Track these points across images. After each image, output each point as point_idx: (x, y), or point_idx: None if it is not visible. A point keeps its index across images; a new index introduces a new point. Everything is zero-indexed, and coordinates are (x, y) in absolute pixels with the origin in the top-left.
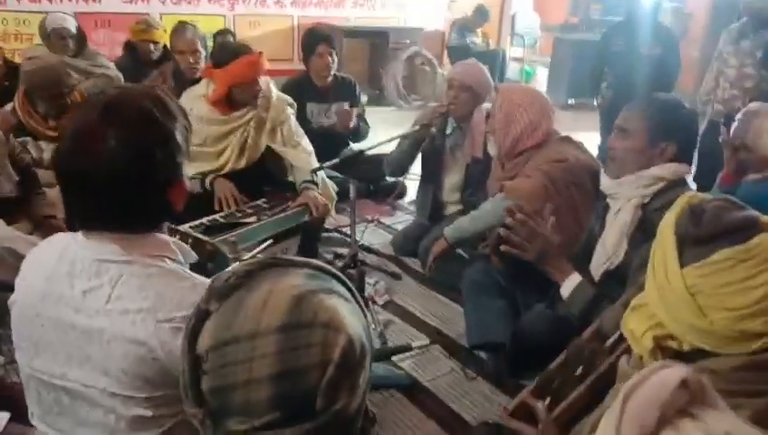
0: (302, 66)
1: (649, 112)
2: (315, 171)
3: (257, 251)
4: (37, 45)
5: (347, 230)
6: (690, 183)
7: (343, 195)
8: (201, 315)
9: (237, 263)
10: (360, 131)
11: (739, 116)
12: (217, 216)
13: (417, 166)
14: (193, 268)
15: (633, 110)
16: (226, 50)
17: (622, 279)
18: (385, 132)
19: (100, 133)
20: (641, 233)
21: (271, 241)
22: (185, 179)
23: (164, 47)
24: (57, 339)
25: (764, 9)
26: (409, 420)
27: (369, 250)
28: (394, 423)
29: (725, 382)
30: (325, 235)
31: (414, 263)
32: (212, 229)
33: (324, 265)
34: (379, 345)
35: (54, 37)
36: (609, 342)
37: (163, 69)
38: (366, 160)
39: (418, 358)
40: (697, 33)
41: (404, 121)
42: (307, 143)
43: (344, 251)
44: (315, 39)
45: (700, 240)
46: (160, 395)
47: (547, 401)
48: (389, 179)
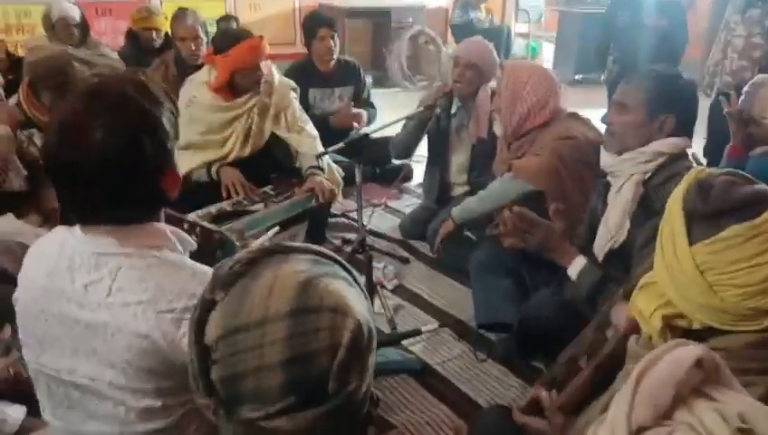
0: (305, 49)
1: (647, 85)
2: (320, 156)
3: (265, 238)
4: (40, 36)
5: (354, 215)
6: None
7: (350, 179)
8: (206, 305)
9: (243, 251)
10: (369, 119)
11: (746, 88)
12: (224, 204)
13: (423, 148)
14: (203, 257)
15: (630, 83)
16: (227, 35)
17: (626, 258)
18: (390, 114)
19: (85, 124)
20: (643, 210)
21: (278, 228)
22: (176, 166)
23: (165, 34)
24: (62, 334)
25: None
26: (420, 404)
27: (376, 235)
28: (405, 407)
29: (737, 360)
30: (332, 220)
31: (422, 246)
32: (219, 218)
33: (324, 250)
34: (389, 330)
35: (60, 26)
36: (607, 331)
37: (165, 57)
38: (371, 144)
39: (428, 342)
40: (705, 3)
41: (409, 102)
42: (312, 128)
43: (352, 236)
44: (316, 23)
45: (709, 216)
46: (168, 385)
47: (554, 393)
48: (396, 162)
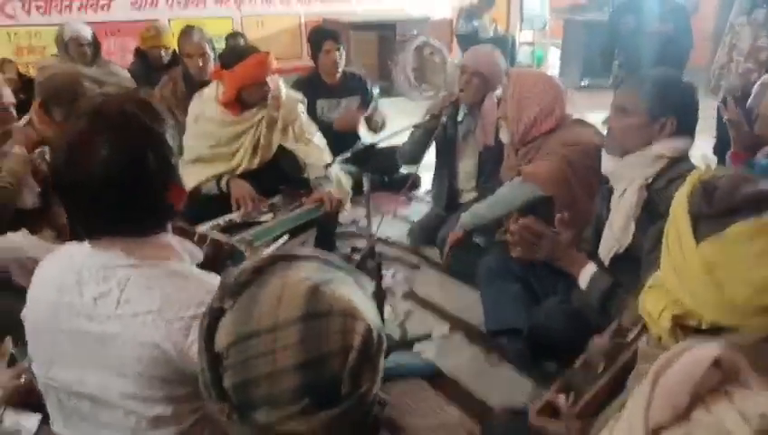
0: (312, 62)
1: (646, 88)
2: (328, 166)
3: (274, 248)
4: (51, 57)
5: (363, 223)
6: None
7: (358, 188)
8: (215, 314)
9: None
10: (380, 125)
11: (755, 88)
12: (234, 215)
13: (431, 156)
14: (213, 268)
15: (630, 87)
16: (234, 52)
17: (632, 262)
18: (398, 124)
19: (89, 142)
20: (647, 214)
21: (287, 237)
22: (180, 180)
23: (173, 51)
24: (72, 347)
25: None
26: (433, 407)
27: (386, 242)
28: (418, 411)
29: (748, 358)
30: (342, 229)
31: (432, 253)
32: (228, 229)
33: (329, 255)
34: (400, 335)
35: (72, 45)
36: (629, 336)
37: (173, 73)
38: (378, 153)
39: (440, 346)
40: (710, 6)
41: (416, 112)
42: (319, 139)
43: (361, 244)
44: (321, 37)
45: (714, 215)
46: (178, 393)
47: (571, 398)
48: (404, 171)
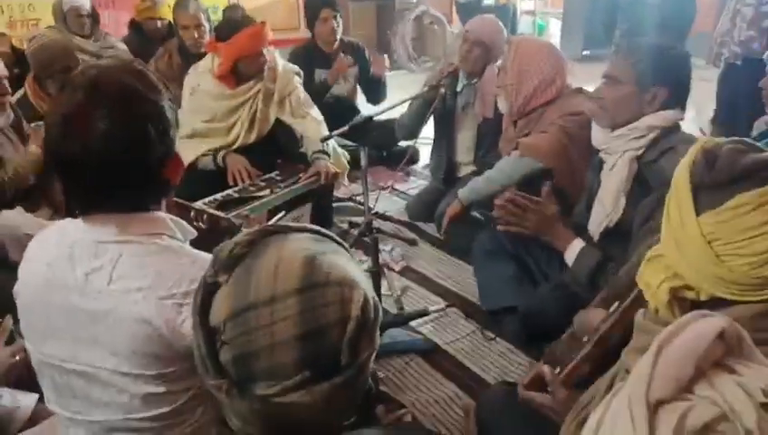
0: (309, 35)
1: (637, 57)
2: (325, 140)
3: (270, 223)
4: (46, 28)
5: (361, 198)
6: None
7: (356, 163)
8: (209, 288)
9: (241, 233)
10: (383, 89)
11: None
12: (231, 190)
13: (429, 130)
14: (210, 244)
15: (621, 56)
16: (229, 23)
17: (623, 236)
18: (397, 97)
19: (88, 116)
20: (638, 186)
21: (283, 212)
22: (178, 154)
23: (168, 23)
24: (64, 323)
25: None
26: (429, 383)
27: (384, 217)
28: (414, 386)
29: (747, 331)
30: (340, 204)
31: (429, 228)
32: (226, 204)
33: (320, 228)
34: (396, 311)
35: (71, 16)
36: (612, 308)
37: (168, 45)
38: (376, 126)
39: (437, 322)
40: None
41: (416, 85)
42: (317, 113)
43: (359, 220)
44: (318, 4)
45: (716, 186)
46: (170, 371)
47: (557, 370)
48: (402, 145)
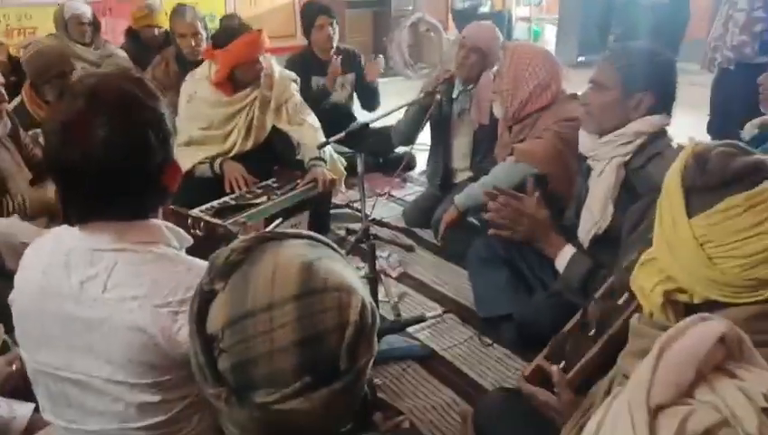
0: (305, 42)
1: (622, 63)
2: (322, 147)
3: (267, 230)
4: (47, 37)
5: (358, 205)
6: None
7: (353, 170)
8: (206, 296)
9: (236, 240)
10: (377, 97)
11: None
12: (227, 198)
13: (425, 136)
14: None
15: (606, 62)
16: (226, 30)
17: (613, 243)
18: (394, 103)
19: (88, 123)
20: (626, 193)
21: (280, 219)
22: (176, 161)
23: (165, 31)
24: (59, 331)
25: None
26: (426, 389)
27: (381, 224)
28: (412, 393)
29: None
30: (337, 211)
31: (426, 234)
32: (223, 212)
33: (315, 234)
34: (393, 318)
35: (72, 23)
36: (621, 300)
37: (165, 53)
38: (372, 133)
39: (434, 328)
40: None
41: (412, 91)
42: (313, 120)
43: (356, 226)
44: (314, 12)
45: (707, 189)
46: (166, 379)
47: (562, 365)
48: (398, 151)
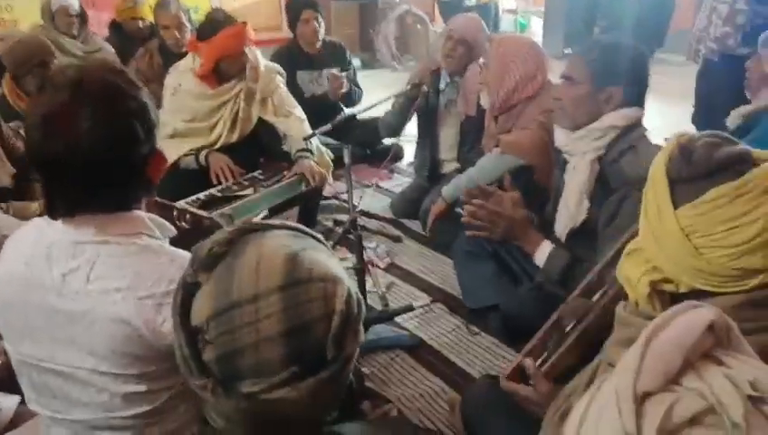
0: (291, 35)
1: (591, 57)
2: (308, 138)
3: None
4: (36, 27)
5: (345, 196)
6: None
7: (340, 161)
8: (189, 289)
9: (219, 232)
10: (353, 96)
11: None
12: (213, 190)
13: (412, 127)
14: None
15: (576, 56)
16: (210, 23)
17: (588, 236)
18: (380, 96)
19: (73, 114)
20: (600, 186)
21: (266, 213)
22: (161, 151)
23: (150, 24)
24: (42, 323)
25: None
26: (414, 378)
27: (368, 215)
28: (399, 381)
29: None
30: (324, 202)
31: (414, 225)
32: (209, 204)
33: (298, 225)
34: (381, 308)
35: (60, 15)
36: (595, 297)
37: (149, 45)
38: (360, 124)
39: (422, 317)
40: None
41: (399, 84)
42: (300, 111)
43: (344, 217)
44: (299, 5)
45: (693, 179)
46: (151, 370)
47: (540, 360)
48: (386, 143)
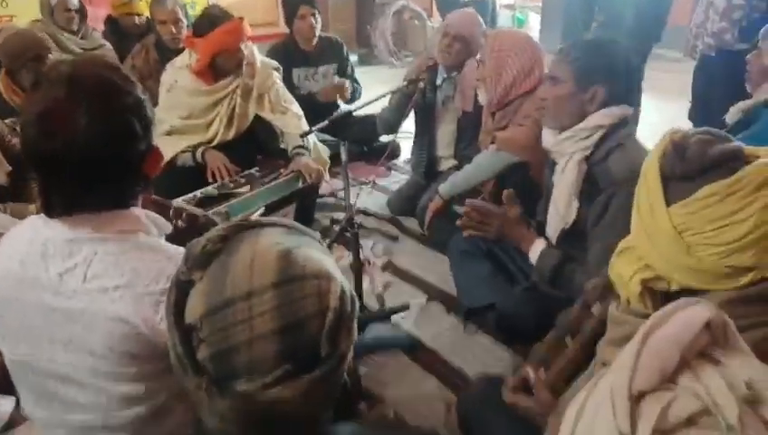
0: (287, 30)
1: (573, 56)
2: (305, 135)
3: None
4: (32, 22)
5: (342, 194)
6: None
7: (337, 158)
8: (183, 287)
9: (212, 229)
10: (354, 93)
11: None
12: (210, 187)
13: (410, 124)
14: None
15: (560, 55)
16: (207, 18)
17: (579, 236)
18: (377, 91)
19: (68, 112)
20: (589, 187)
21: (263, 209)
22: (157, 147)
23: (147, 20)
24: (39, 323)
25: None
26: (411, 378)
27: (365, 213)
28: (396, 381)
29: None
30: (321, 200)
31: (411, 222)
32: (205, 201)
33: (293, 222)
34: (377, 307)
35: (59, 10)
36: (593, 308)
37: (145, 41)
38: (357, 121)
39: (418, 316)
40: None
41: (397, 79)
42: (296, 108)
43: (340, 215)
44: (296, 1)
45: (685, 177)
46: (150, 369)
47: (541, 372)
48: (383, 140)
